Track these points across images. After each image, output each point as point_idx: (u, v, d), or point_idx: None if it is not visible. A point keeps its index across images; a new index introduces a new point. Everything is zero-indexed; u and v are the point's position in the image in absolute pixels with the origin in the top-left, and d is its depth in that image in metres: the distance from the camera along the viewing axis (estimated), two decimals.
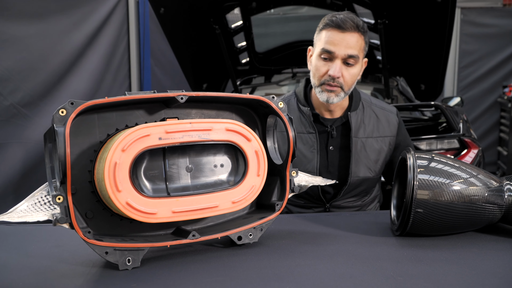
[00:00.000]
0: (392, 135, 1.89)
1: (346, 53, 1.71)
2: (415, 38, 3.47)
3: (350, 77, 1.76)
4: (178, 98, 1.16)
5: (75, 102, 1.06)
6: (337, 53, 1.72)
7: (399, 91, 3.79)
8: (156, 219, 1.11)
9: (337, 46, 1.71)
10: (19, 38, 3.70)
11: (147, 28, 5.19)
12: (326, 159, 1.84)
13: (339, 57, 1.72)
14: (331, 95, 1.76)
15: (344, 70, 1.74)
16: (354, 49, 1.72)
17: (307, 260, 1.15)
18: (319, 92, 1.79)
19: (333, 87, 1.75)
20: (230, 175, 1.24)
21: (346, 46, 1.71)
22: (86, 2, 4.43)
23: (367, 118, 1.88)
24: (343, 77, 1.74)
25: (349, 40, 1.71)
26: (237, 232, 1.23)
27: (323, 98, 1.78)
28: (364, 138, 1.85)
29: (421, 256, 1.17)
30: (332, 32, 1.72)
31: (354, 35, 1.71)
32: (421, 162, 1.30)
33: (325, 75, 1.75)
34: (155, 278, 1.05)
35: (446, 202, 1.25)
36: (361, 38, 1.74)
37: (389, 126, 1.90)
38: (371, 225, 1.47)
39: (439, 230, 1.29)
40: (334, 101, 1.78)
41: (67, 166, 1.02)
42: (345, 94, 1.79)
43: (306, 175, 1.38)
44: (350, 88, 1.80)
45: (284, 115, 1.28)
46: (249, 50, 3.85)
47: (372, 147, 1.85)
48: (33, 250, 1.26)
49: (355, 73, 1.77)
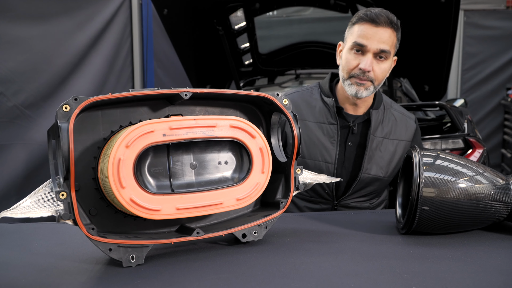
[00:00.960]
0: (408, 140, 1.89)
1: (378, 47, 1.71)
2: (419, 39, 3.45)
3: (380, 72, 1.75)
4: (182, 95, 1.16)
5: (78, 98, 1.05)
6: (369, 47, 1.71)
7: (403, 92, 3.78)
8: (160, 215, 1.10)
9: (369, 40, 1.71)
10: (22, 40, 3.70)
11: (151, 29, 5.19)
12: (344, 154, 1.84)
13: (371, 51, 1.72)
14: (360, 89, 1.76)
15: (375, 65, 1.73)
16: (386, 44, 1.72)
17: (312, 258, 1.14)
18: (348, 85, 1.78)
19: (363, 80, 1.75)
20: (234, 172, 1.23)
21: (379, 41, 1.71)
22: (90, 4, 4.43)
23: (386, 119, 1.88)
24: (373, 72, 1.74)
25: (382, 34, 1.71)
26: (242, 229, 1.23)
27: (352, 91, 1.77)
28: (380, 138, 1.85)
29: (427, 254, 1.16)
30: (365, 26, 1.72)
31: (387, 30, 1.72)
32: (427, 160, 1.29)
33: (356, 69, 1.75)
34: (160, 275, 1.04)
35: (452, 200, 1.24)
36: (394, 34, 1.75)
37: (407, 131, 1.90)
38: (376, 223, 1.46)
39: (445, 228, 1.28)
40: (363, 95, 1.77)
41: (70, 162, 1.01)
42: (374, 89, 1.78)
43: (311, 173, 1.37)
44: (379, 83, 1.80)
45: (289, 112, 1.27)
46: (252, 51, 3.84)
47: (387, 148, 1.85)
48: (36, 248, 1.25)
49: (385, 68, 1.77)
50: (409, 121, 1.93)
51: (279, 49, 3.96)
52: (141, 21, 5.15)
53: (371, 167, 1.83)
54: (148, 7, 5.07)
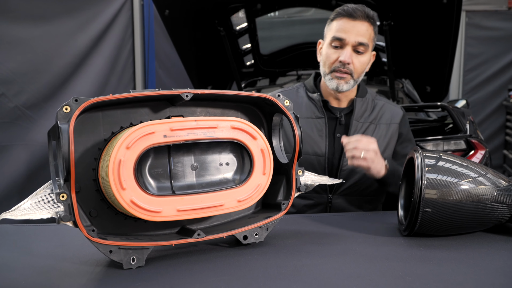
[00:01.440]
0: (395, 123, 1.91)
1: (356, 40, 1.75)
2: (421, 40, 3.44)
3: (360, 65, 1.80)
4: (183, 96, 1.15)
5: (79, 99, 1.05)
6: (348, 40, 1.76)
7: (405, 93, 3.77)
8: (161, 217, 1.10)
9: (347, 33, 1.75)
10: (23, 40, 3.70)
11: (152, 30, 5.19)
12: (333, 146, 1.86)
13: (350, 44, 1.76)
14: (341, 82, 1.80)
15: (354, 58, 1.78)
16: (364, 37, 1.76)
17: (313, 260, 1.13)
18: (329, 79, 1.82)
19: (343, 73, 1.79)
20: (235, 174, 1.22)
21: (357, 34, 1.75)
22: (91, 5, 4.43)
23: (371, 106, 1.91)
24: (353, 64, 1.78)
25: (360, 28, 1.75)
26: (243, 231, 1.22)
27: (333, 85, 1.81)
28: (367, 123, 1.87)
29: (429, 256, 1.15)
30: (343, 21, 1.77)
31: (364, 23, 1.76)
32: (429, 161, 1.28)
33: (336, 62, 1.79)
34: (160, 277, 1.04)
35: (455, 202, 1.23)
36: (371, 28, 1.78)
37: (392, 116, 1.92)
38: (378, 225, 1.45)
39: (448, 230, 1.28)
40: (344, 89, 1.81)
41: (71, 164, 1.01)
42: (354, 82, 1.82)
43: (313, 174, 1.36)
44: (359, 77, 1.83)
45: (290, 113, 1.26)
46: (254, 52, 3.83)
47: (377, 132, 1.87)
48: (36, 249, 1.25)
49: (364, 61, 1.81)
50: (395, 108, 1.96)
51: (281, 50, 3.95)
52: (142, 22, 5.15)
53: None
54: (150, 8, 5.07)
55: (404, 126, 1.94)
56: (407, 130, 1.95)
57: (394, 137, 1.89)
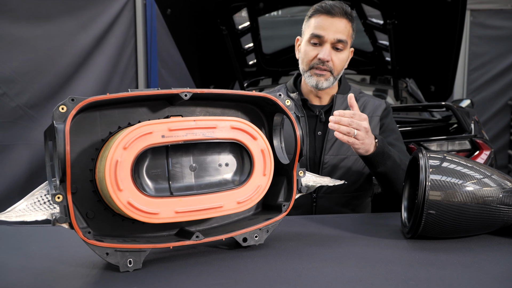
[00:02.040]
0: (377, 115, 1.86)
1: (335, 37, 1.74)
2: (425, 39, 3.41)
3: (339, 62, 1.78)
4: (182, 95, 1.13)
5: (76, 98, 1.03)
6: (327, 37, 1.74)
7: (409, 93, 3.73)
8: (158, 219, 1.07)
9: (326, 31, 1.74)
10: (25, 40, 3.68)
11: (155, 30, 5.17)
12: (314, 144, 1.83)
13: (328, 41, 1.75)
14: (320, 79, 1.78)
15: (333, 55, 1.76)
16: (343, 33, 1.75)
17: (314, 263, 1.11)
18: (308, 76, 1.80)
19: (322, 71, 1.77)
20: (235, 175, 1.20)
21: (335, 31, 1.74)
22: (94, 4, 4.41)
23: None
24: (332, 62, 1.76)
25: (338, 25, 1.74)
26: (242, 233, 1.20)
27: (312, 82, 1.79)
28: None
29: (433, 259, 1.13)
30: (321, 18, 1.75)
31: (343, 20, 1.75)
32: (433, 162, 1.25)
33: (315, 59, 1.77)
34: (157, 281, 1.01)
35: (459, 204, 1.20)
36: (349, 24, 1.77)
37: (375, 108, 1.88)
38: (380, 227, 1.43)
39: (452, 233, 1.25)
40: (324, 86, 1.79)
41: (66, 164, 0.99)
42: (334, 80, 1.80)
43: (314, 175, 1.34)
44: (339, 74, 1.81)
45: (291, 113, 1.24)
46: (256, 51, 3.81)
47: None
48: (33, 251, 1.23)
49: (343, 58, 1.79)
50: (378, 101, 1.92)
51: (284, 49, 3.92)
52: (145, 21, 5.12)
53: (336, 147, 1.79)
54: (152, 7, 5.05)
55: (386, 117, 1.88)
56: (390, 121, 1.90)
57: (376, 129, 1.84)
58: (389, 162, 1.61)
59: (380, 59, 3.76)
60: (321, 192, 1.80)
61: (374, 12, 3.33)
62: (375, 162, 1.61)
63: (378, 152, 1.58)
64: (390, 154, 1.61)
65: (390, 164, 1.61)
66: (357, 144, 1.50)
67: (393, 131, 1.86)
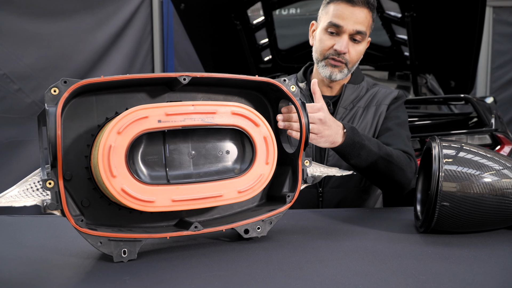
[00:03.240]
0: (385, 104, 1.75)
1: (354, 28, 1.63)
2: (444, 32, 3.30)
3: (356, 54, 1.68)
4: (181, 79, 1.08)
5: (68, 80, 0.99)
6: (345, 28, 1.63)
7: (428, 89, 3.63)
8: (154, 207, 1.02)
9: (345, 20, 1.63)
10: (41, 36, 3.69)
11: (171, 27, 5.15)
12: None
13: (347, 32, 1.64)
14: (334, 71, 1.69)
15: (350, 46, 1.66)
16: (362, 25, 1.64)
17: (318, 256, 1.04)
18: (322, 66, 1.70)
19: (337, 62, 1.67)
20: (236, 163, 1.14)
21: (355, 21, 1.63)
22: (111, 2, 4.41)
23: (363, 93, 1.78)
24: (349, 53, 1.66)
25: (358, 15, 1.63)
26: (244, 224, 1.14)
27: (326, 73, 1.70)
28: (355, 109, 1.75)
29: (447, 254, 1.05)
30: (341, 6, 1.64)
31: (364, 10, 1.64)
32: (448, 152, 1.18)
33: (330, 49, 1.67)
34: (151, 272, 0.96)
35: (476, 195, 1.12)
36: (370, 14, 1.67)
37: (384, 97, 1.77)
38: (393, 221, 1.36)
39: (468, 226, 1.17)
40: (337, 78, 1.70)
41: (57, 149, 0.94)
42: (348, 72, 1.71)
43: (321, 166, 1.28)
44: (354, 66, 1.72)
45: (297, 100, 1.18)
46: (271, 47, 3.75)
47: (360, 117, 1.73)
48: (29, 241, 1.19)
49: (361, 50, 1.70)
50: (390, 90, 1.80)
51: (299, 45, 3.85)
52: (162, 19, 5.11)
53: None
54: (169, 5, 5.03)
55: (394, 104, 1.76)
56: (397, 108, 1.77)
57: (382, 117, 1.74)
58: (364, 152, 1.46)
59: (399, 54, 3.66)
60: (327, 186, 1.72)
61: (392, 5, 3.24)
62: (346, 154, 1.46)
63: (347, 143, 1.43)
64: (363, 144, 1.45)
65: (364, 154, 1.46)
66: (314, 138, 1.35)
67: (397, 117, 1.73)
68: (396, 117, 1.73)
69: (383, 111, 1.73)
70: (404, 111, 1.78)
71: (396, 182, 1.56)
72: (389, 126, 1.69)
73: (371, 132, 1.71)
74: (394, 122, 1.71)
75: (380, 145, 1.52)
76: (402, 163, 1.54)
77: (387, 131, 1.68)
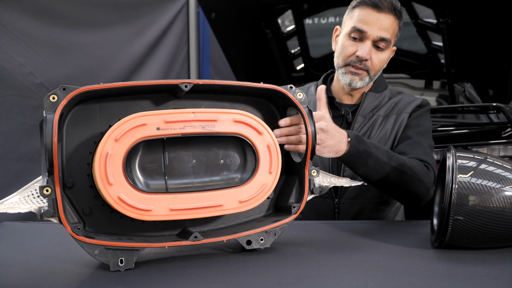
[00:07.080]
0: (407, 112, 1.67)
1: (378, 34, 1.57)
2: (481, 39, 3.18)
3: (378, 62, 1.61)
4: (182, 86, 1.06)
5: (67, 87, 0.99)
6: (369, 34, 1.57)
7: (466, 98, 3.50)
8: (151, 216, 1.01)
9: (370, 26, 1.56)
10: (78, 46, 3.78)
11: (207, 37, 5.19)
12: None
13: (370, 38, 1.58)
14: (355, 78, 1.62)
15: (373, 53, 1.59)
16: (387, 31, 1.58)
17: (321, 270, 1.00)
18: (342, 73, 1.64)
19: (358, 69, 1.60)
20: (237, 172, 1.12)
21: (380, 28, 1.56)
22: (148, 12, 4.47)
23: (385, 101, 1.70)
24: (371, 61, 1.59)
25: (384, 21, 1.57)
26: (246, 235, 1.11)
27: (346, 80, 1.63)
28: (374, 117, 1.67)
29: (458, 271, 0.99)
30: (366, 11, 1.57)
31: (390, 17, 1.57)
32: (463, 162, 1.11)
33: (352, 56, 1.61)
34: (145, 282, 0.95)
35: (492, 209, 1.05)
36: (396, 22, 1.60)
37: (406, 105, 1.69)
38: (409, 235, 1.30)
39: (484, 242, 1.10)
40: (357, 86, 1.63)
41: (54, 155, 0.94)
42: (369, 80, 1.64)
43: (329, 175, 1.23)
44: (376, 74, 1.65)
45: (303, 107, 1.14)
46: (303, 56, 3.71)
47: (379, 126, 1.66)
48: (33, 247, 1.20)
49: (384, 58, 1.62)
50: (413, 98, 1.71)
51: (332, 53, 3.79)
52: (198, 29, 5.16)
53: None
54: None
55: (416, 112, 1.68)
56: (420, 116, 1.68)
57: (403, 126, 1.66)
58: (371, 161, 1.39)
59: (435, 62, 3.54)
60: (343, 197, 1.66)
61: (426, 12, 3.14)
62: (352, 163, 1.40)
63: (352, 152, 1.37)
64: (370, 152, 1.39)
65: (372, 163, 1.40)
66: (317, 149, 1.27)
67: (418, 126, 1.65)
68: (417, 125, 1.65)
69: (404, 119, 1.66)
70: (428, 119, 1.70)
71: (411, 193, 1.48)
72: (409, 135, 1.62)
73: (389, 141, 1.65)
74: (415, 131, 1.63)
75: (391, 153, 1.45)
76: (418, 172, 1.47)
77: (405, 140, 1.61)
